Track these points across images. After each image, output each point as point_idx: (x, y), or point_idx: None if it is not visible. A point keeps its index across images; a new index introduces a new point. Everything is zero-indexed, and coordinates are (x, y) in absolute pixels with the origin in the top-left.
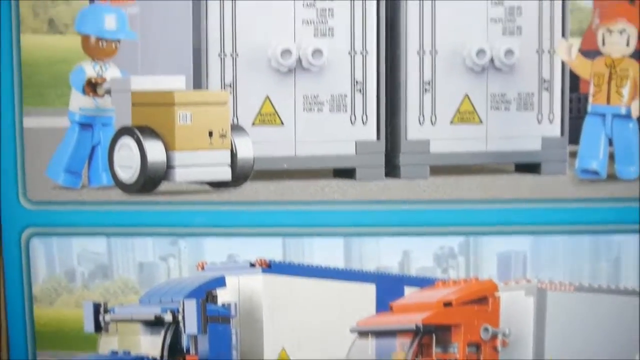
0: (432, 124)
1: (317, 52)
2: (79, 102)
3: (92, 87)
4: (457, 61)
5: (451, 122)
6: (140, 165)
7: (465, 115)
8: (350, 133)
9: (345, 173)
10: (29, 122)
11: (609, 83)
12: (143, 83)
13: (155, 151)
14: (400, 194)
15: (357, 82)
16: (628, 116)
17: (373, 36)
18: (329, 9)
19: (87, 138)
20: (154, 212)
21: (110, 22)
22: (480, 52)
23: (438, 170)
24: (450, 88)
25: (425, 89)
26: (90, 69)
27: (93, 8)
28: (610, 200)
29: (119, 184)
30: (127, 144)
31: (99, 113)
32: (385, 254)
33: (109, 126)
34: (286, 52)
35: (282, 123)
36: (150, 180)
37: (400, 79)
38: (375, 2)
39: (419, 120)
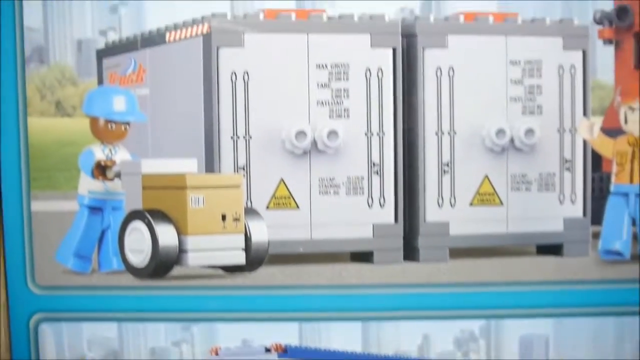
0: (451, 205)
1: (332, 134)
2: (88, 185)
3: (101, 170)
4: (476, 141)
5: (471, 204)
6: (151, 249)
7: (485, 196)
8: (367, 216)
9: (363, 256)
10: (37, 205)
11: (632, 161)
12: (154, 166)
13: (167, 235)
14: (419, 277)
15: (374, 163)
16: None
17: (390, 117)
18: (344, 90)
19: (96, 222)
20: (166, 297)
21: (119, 104)
22: (500, 132)
23: (458, 252)
24: (469, 169)
25: (444, 170)
26: (99, 152)
27: (101, 90)
28: (634, 282)
29: (130, 268)
30: (138, 227)
31: (109, 196)
32: (404, 338)
33: (119, 210)
34: (301, 134)
35: (298, 206)
36: (162, 264)
37: (419, 160)
38: (391, 82)
39: (438, 202)
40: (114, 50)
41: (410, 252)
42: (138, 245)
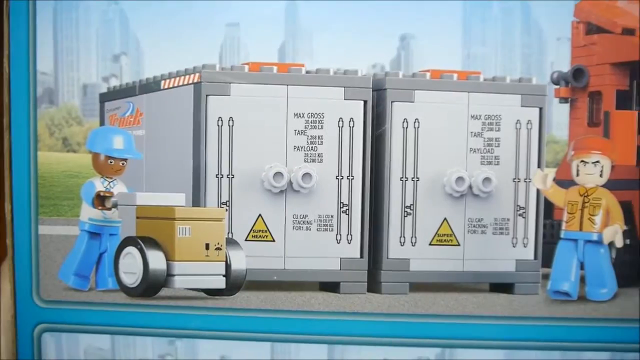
0: (412, 244)
1: (306, 176)
2: (88, 213)
3: (100, 200)
4: (437, 187)
5: (430, 244)
6: (142, 272)
7: (444, 237)
8: (335, 250)
9: (330, 287)
10: (44, 229)
11: (582, 211)
12: (147, 199)
13: (157, 260)
14: (381, 308)
15: (343, 204)
16: (599, 242)
17: (359, 162)
18: (318, 137)
19: (95, 245)
20: (154, 314)
21: (118, 143)
22: (460, 180)
23: (417, 287)
24: (430, 212)
25: (407, 212)
26: (99, 184)
27: (103, 129)
28: (580, 320)
29: (123, 288)
30: (131, 252)
31: (107, 224)
32: None
33: (115, 236)
34: (278, 175)
35: (273, 239)
36: (152, 286)
37: (384, 203)
38: (362, 131)
39: (400, 241)
40: (114, 94)
41: (373, 284)
42: (131, 268)
